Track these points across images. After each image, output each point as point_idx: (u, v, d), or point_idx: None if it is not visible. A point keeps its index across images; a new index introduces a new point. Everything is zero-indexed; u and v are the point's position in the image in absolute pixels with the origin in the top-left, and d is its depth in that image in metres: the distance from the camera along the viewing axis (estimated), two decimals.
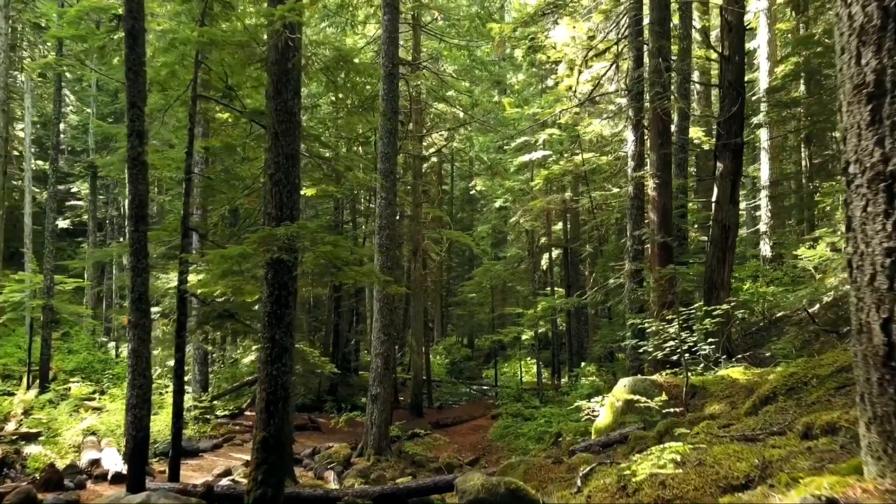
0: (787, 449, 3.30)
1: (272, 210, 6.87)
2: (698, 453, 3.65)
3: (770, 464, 3.07)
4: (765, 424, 4.49)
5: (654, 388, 8.26)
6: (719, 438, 4.30)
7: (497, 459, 15.96)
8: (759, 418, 4.87)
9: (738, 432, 4.41)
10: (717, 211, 12.16)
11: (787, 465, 2.98)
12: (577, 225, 25.11)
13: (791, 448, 3.29)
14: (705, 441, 4.25)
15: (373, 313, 14.31)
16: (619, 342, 18.04)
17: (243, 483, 10.72)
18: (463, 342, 39.40)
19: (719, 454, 3.47)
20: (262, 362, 6.75)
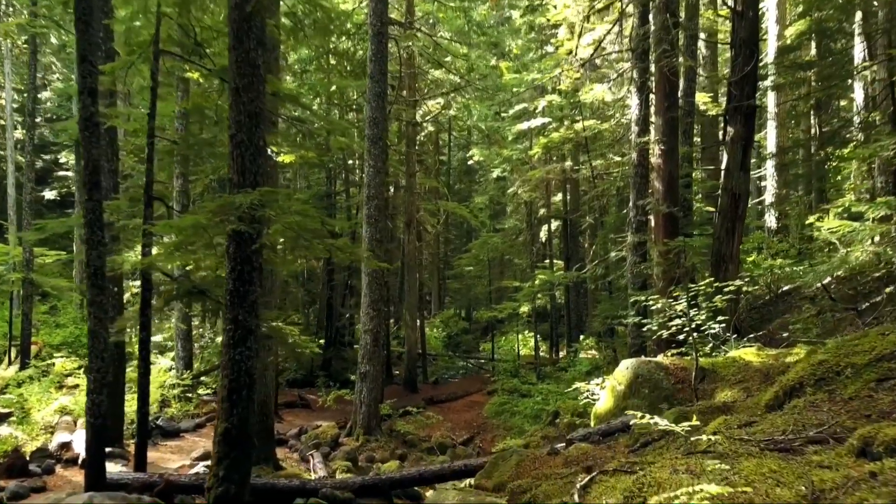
0: (840, 472, 2.60)
1: (234, 175, 6.10)
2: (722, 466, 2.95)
3: (823, 494, 2.38)
4: (796, 426, 3.79)
5: (660, 372, 7.59)
6: (744, 444, 3.60)
7: (492, 439, 15.40)
8: (786, 416, 4.17)
9: (766, 435, 3.71)
10: (727, 178, 11.39)
11: (847, 497, 2.29)
12: (577, 195, 24.31)
13: (846, 470, 2.60)
14: (727, 447, 3.55)
15: (362, 288, 13.62)
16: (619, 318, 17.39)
17: None
18: (461, 314, 38.81)
19: (751, 473, 2.77)
20: (225, 346, 6.05)
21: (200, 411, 14.39)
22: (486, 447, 14.53)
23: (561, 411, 14.08)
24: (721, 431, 4.19)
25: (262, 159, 6.25)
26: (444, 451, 13.42)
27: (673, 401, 7.27)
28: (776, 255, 20.40)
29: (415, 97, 19.85)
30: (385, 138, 14.90)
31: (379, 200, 13.47)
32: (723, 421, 4.48)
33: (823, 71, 17.43)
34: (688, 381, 7.42)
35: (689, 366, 7.63)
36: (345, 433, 13.52)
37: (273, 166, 10.78)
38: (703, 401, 6.71)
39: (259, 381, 10.43)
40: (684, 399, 7.21)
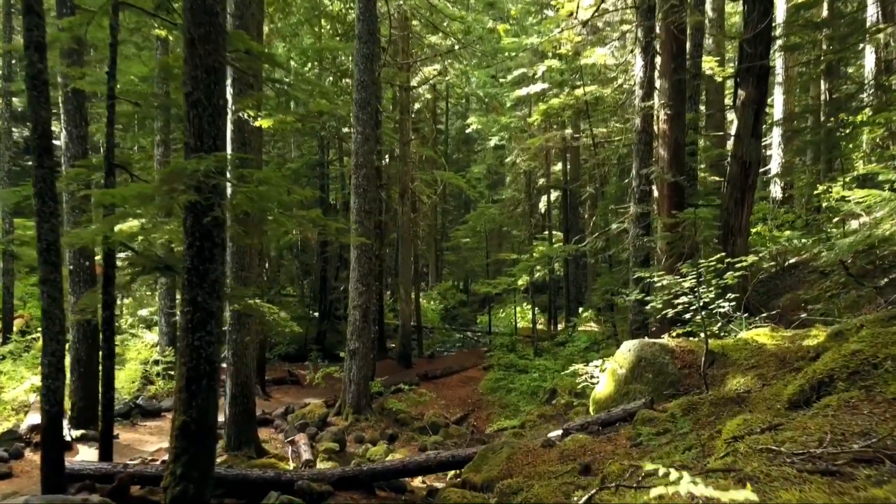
0: None
1: (190, 139, 5.41)
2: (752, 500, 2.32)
3: None
4: (835, 434, 3.17)
5: (665, 355, 6.99)
6: (774, 459, 2.99)
7: (487, 417, 14.92)
8: (818, 418, 3.56)
9: (800, 447, 3.10)
10: (737, 145, 10.67)
11: None
12: (577, 165, 23.54)
13: None
14: (755, 466, 2.94)
15: (351, 261, 12.98)
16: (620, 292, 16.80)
17: None
18: (458, 286, 38.26)
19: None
20: (182, 330, 5.43)
21: None
22: (481, 426, 14.05)
23: (558, 389, 13.57)
24: (742, 437, 3.58)
25: (222, 121, 5.54)
26: (436, 430, 12.92)
27: (679, 387, 6.69)
28: (781, 226, 19.76)
29: (408, 60, 18.95)
30: (375, 103, 14.13)
31: (368, 169, 12.75)
32: (742, 423, 3.87)
33: (836, 32, 16.58)
34: (695, 366, 6.83)
35: (697, 349, 7.04)
36: (333, 412, 13.01)
37: (254, 133, 10.06)
38: (714, 389, 6.12)
39: (239, 362, 9.89)
40: (691, 385, 6.63)
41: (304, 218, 5.92)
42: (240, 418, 9.83)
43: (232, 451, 9.76)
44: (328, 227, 6.19)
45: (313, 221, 6.05)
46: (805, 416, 3.78)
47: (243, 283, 9.76)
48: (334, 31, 21.84)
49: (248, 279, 9.86)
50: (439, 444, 12.18)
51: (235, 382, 9.81)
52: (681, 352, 7.00)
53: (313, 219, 6.07)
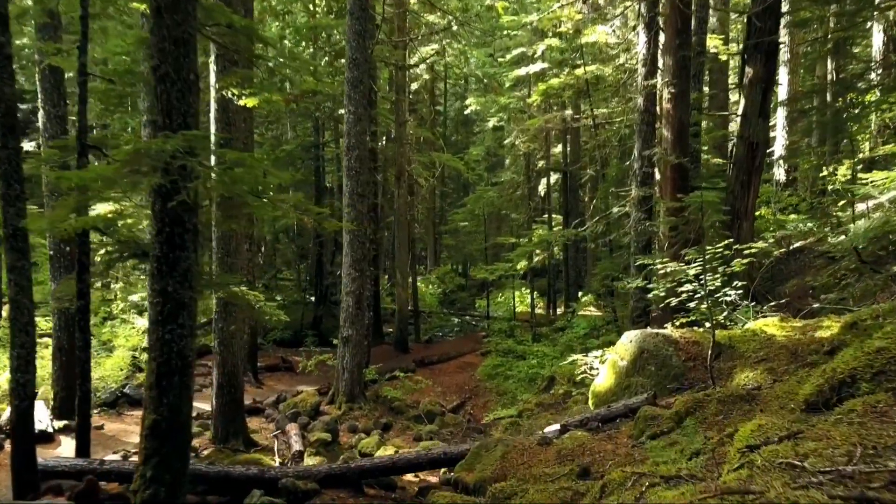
0: None
1: (158, 116, 5.01)
2: None
3: None
4: (865, 447, 2.81)
5: (668, 346, 6.63)
6: (798, 479, 2.62)
7: (484, 404, 14.62)
8: (843, 426, 3.19)
9: (827, 462, 2.73)
10: (744, 125, 10.26)
11: None
12: (577, 146, 23.07)
13: None
14: (776, 488, 2.58)
15: (343, 246, 12.59)
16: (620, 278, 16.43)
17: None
18: (457, 270, 37.90)
19: None
20: (152, 322, 5.06)
21: None
22: (478, 414, 13.75)
23: (557, 377, 13.25)
24: (758, 447, 3.22)
25: (194, 97, 5.13)
26: (431, 419, 12.62)
27: (683, 381, 6.33)
28: (784, 209, 19.35)
29: (403, 38, 18.42)
30: (368, 82, 13.66)
31: (361, 151, 12.32)
32: (756, 428, 3.51)
33: (844, 8, 16.05)
34: (700, 358, 6.47)
35: (702, 340, 6.68)
36: (326, 401, 12.70)
37: (239, 112, 9.63)
38: (721, 384, 5.76)
39: (226, 351, 9.54)
40: (696, 379, 6.27)
41: (282, 202, 5.53)
42: (227, 409, 9.51)
43: (219, 443, 9.45)
44: (310, 211, 5.79)
45: (296, 206, 5.64)
46: (827, 422, 3.41)
47: (229, 270, 9.39)
48: (329, 9, 21.29)
49: (235, 265, 9.48)
50: (434, 434, 11.88)
51: (222, 372, 9.47)
52: (685, 343, 6.65)
53: (296, 203, 5.67)
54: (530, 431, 10.83)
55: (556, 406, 12.41)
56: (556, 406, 12.41)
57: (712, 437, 4.17)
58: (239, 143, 9.50)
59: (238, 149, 9.52)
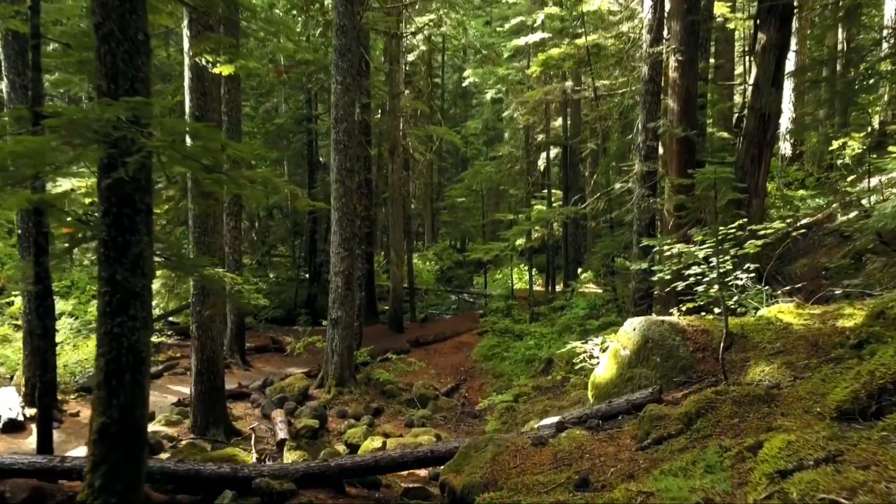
0: None
1: (101, 81, 4.42)
2: None
3: None
4: None
5: (675, 335, 6.10)
6: None
7: (479, 387, 14.17)
8: (892, 446, 2.67)
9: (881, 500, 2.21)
10: (755, 95, 9.63)
11: None
12: (577, 120, 22.34)
13: None
14: None
15: (332, 224, 12.02)
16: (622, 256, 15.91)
17: (164, 432, 8.85)
18: (456, 246, 37.32)
19: None
20: (100, 314, 4.53)
21: (158, 359, 13.06)
22: (473, 397, 13.31)
23: (555, 359, 12.80)
24: (790, 473, 2.69)
25: (144, 59, 4.52)
26: (424, 403, 12.18)
27: (691, 373, 5.82)
28: (790, 184, 18.73)
29: (396, 4, 17.62)
30: (358, 50, 12.97)
31: (349, 123, 11.69)
32: (784, 446, 2.99)
33: None
34: (710, 349, 5.94)
35: (712, 328, 6.15)
36: (315, 384, 12.24)
37: (215, 81, 8.98)
38: (733, 378, 5.24)
39: (204, 336, 9.03)
40: (706, 371, 5.75)
41: (247, 179, 4.94)
42: (206, 396, 9.03)
43: (199, 432, 9.00)
44: (278, 188, 5.22)
45: (265, 182, 5.06)
46: (870, 440, 2.88)
47: (207, 250, 8.83)
48: None
49: (213, 245, 8.93)
50: (427, 419, 11.45)
51: (201, 358, 8.98)
52: (693, 332, 6.12)
53: (265, 180, 5.08)
54: (526, 418, 10.39)
55: (554, 390, 11.96)
56: (554, 390, 11.96)
57: (730, 448, 3.65)
58: (215, 114, 8.88)
59: (215, 121, 8.92)
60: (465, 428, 11.34)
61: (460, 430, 11.17)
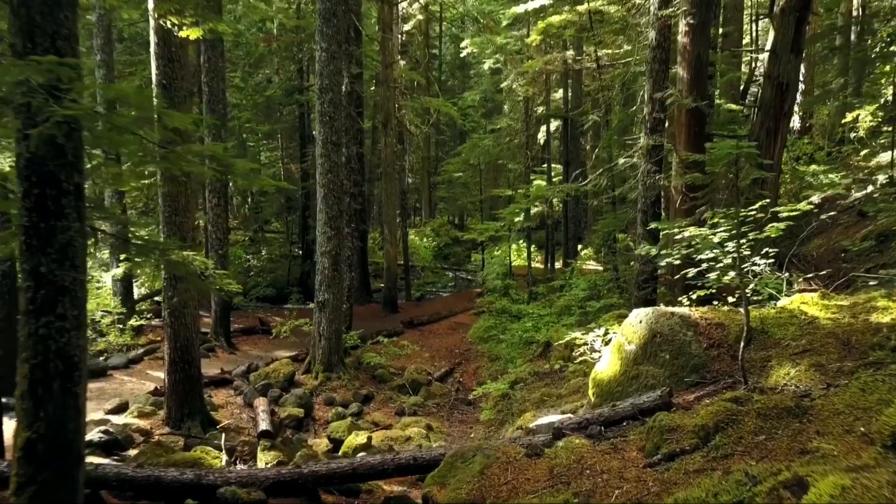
0: None
1: (16, 39, 3.74)
2: None
3: None
4: None
5: (686, 330, 5.48)
6: None
7: (475, 371, 13.63)
8: None
9: None
10: (772, 63, 8.90)
11: None
12: (579, 91, 21.51)
13: None
14: None
15: (317, 201, 11.36)
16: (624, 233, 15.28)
17: (136, 424, 8.29)
18: (454, 221, 36.61)
19: None
20: (24, 312, 3.90)
21: (138, 342, 12.48)
22: (468, 382, 12.77)
23: (553, 343, 12.23)
24: None
25: (68, 13, 3.82)
26: (416, 389, 11.63)
27: (705, 373, 5.21)
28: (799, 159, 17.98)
29: None
30: (345, 15, 12.17)
31: (335, 94, 10.94)
32: (838, 492, 2.37)
33: None
34: (725, 345, 5.33)
35: (728, 321, 5.52)
36: (302, 370, 11.68)
37: (183, 46, 8.23)
38: (755, 382, 4.63)
39: (177, 323, 8.42)
40: (721, 372, 5.14)
41: (194, 155, 4.27)
42: (181, 387, 8.45)
43: (173, 425, 8.45)
44: (232, 168, 4.54)
45: (215, 157, 4.38)
46: None
47: (178, 231, 8.18)
48: None
49: (185, 225, 8.26)
50: (419, 407, 10.92)
51: (174, 346, 8.37)
52: (706, 326, 5.49)
53: (214, 154, 4.40)
54: (522, 408, 9.84)
55: (552, 375, 11.39)
56: (552, 375, 11.39)
57: (760, 480, 3.04)
58: (185, 82, 8.15)
59: (185, 90, 8.21)
60: (458, 416, 10.81)
61: (453, 419, 10.64)
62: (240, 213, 31.26)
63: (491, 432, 9.67)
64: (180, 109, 8.13)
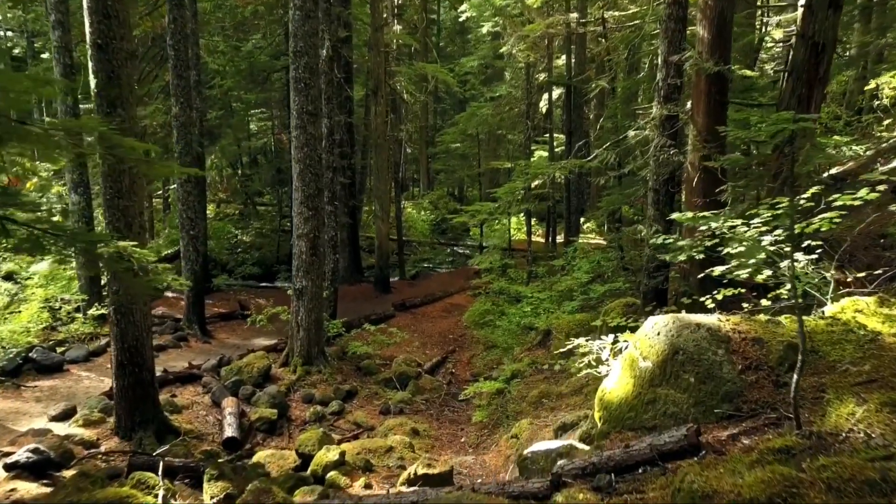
0: None
1: None
2: None
3: None
4: None
5: (715, 345, 4.45)
6: None
7: (469, 359, 12.66)
8: None
9: None
10: (807, 20, 7.71)
11: None
12: (582, 57, 20.17)
13: None
14: None
15: (292, 178, 10.27)
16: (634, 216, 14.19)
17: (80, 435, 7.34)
18: (454, 193, 35.42)
19: None
20: None
21: (101, 331, 11.50)
22: (461, 373, 11.83)
23: (554, 331, 11.25)
24: None
25: None
26: (404, 383, 10.70)
27: (740, 403, 4.19)
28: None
29: None
30: None
31: (311, 58, 9.77)
32: None
33: None
34: (765, 367, 4.30)
35: (767, 336, 4.48)
36: (280, 362, 10.73)
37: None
38: (810, 428, 3.61)
39: (124, 320, 7.41)
40: (761, 403, 4.12)
41: (60, 131, 3.19)
42: (130, 393, 7.48)
43: (123, 435, 7.51)
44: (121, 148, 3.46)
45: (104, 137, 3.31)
46: None
47: (122, 216, 7.13)
48: None
49: (130, 210, 7.19)
50: (406, 404, 9.99)
51: (121, 347, 7.38)
52: (740, 341, 4.46)
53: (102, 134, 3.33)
54: (518, 410, 8.87)
55: (552, 369, 10.46)
56: (552, 369, 10.46)
57: None
58: (126, 42, 7.01)
59: (126, 51, 7.07)
60: (448, 414, 9.88)
61: (443, 418, 9.71)
62: (230, 184, 30.11)
63: (483, 437, 8.74)
64: (120, 73, 7.03)
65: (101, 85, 6.98)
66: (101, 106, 7.01)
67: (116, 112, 7.04)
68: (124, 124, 7.06)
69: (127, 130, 7.11)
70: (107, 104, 7.01)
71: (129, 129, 7.13)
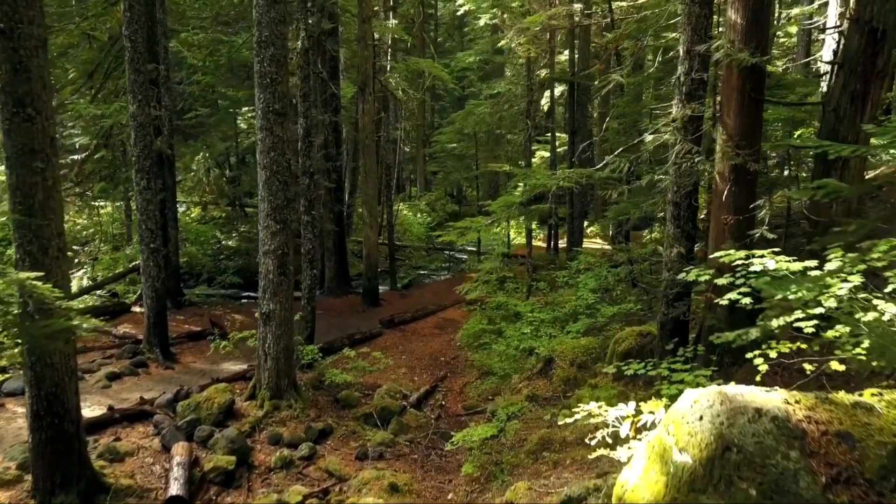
0: None
1: None
2: None
3: None
4: None
5: (784, 443, 3.18)
6: None
7: (461, 388, 11.38)
8: None
9: None
10: (862, 3, 6.43)
11: None
12: (587, 52, 18.91)
13: None
14: None
15: (258, 188, 9.00)
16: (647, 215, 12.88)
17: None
18: (452, 194, 34.15)
19: None
20: None
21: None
22: (452, 406, 10.56)
23: (556, 358, 10.01)
24: None
25: None
26: (386, 420, 9.43)
27: None
28: None
29: None
30: None
31: (277, 49, 8.49)
32: None
33: None
34: (860, 482, 3.03)
35: (855, 428, 3.21)
36: (246, 395, 9.46)
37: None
38: None
39: (40, 363, 6.16)
40: None
41: None
42: (49, 448, 6.23)
43: (41, 498, 6.26)
44: None
45: None
46: None
47: (35, 238, 5.88)
48: None
49: (45, 231, 5.93)
50: (387, 447, 8.73)
51: (37, 395, 6.14)
52: (819, 437, 3.18)
53: None
54: (514, 463, 7.59)
55: (554, 402, 9.22)
56: (554, 402, 9.22)
57: None
58: (36, 27, 5.76)
59: (38, 39, 5.82)
60: (435, 460, 8.61)
61: (429, 465, 8.45)
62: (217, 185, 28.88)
63: (474, 493, 7.48)
64: (30, 65, 5.78)
65: (7, 79, 5.73)
66: (7, 104, 5.77)
67: (25, 111, 5.80)
68: (34, 126, 5.83)
69: (38, 133, 5.89)
70: (13, 102, 5.77)
71: (40, 132, 5.90)
